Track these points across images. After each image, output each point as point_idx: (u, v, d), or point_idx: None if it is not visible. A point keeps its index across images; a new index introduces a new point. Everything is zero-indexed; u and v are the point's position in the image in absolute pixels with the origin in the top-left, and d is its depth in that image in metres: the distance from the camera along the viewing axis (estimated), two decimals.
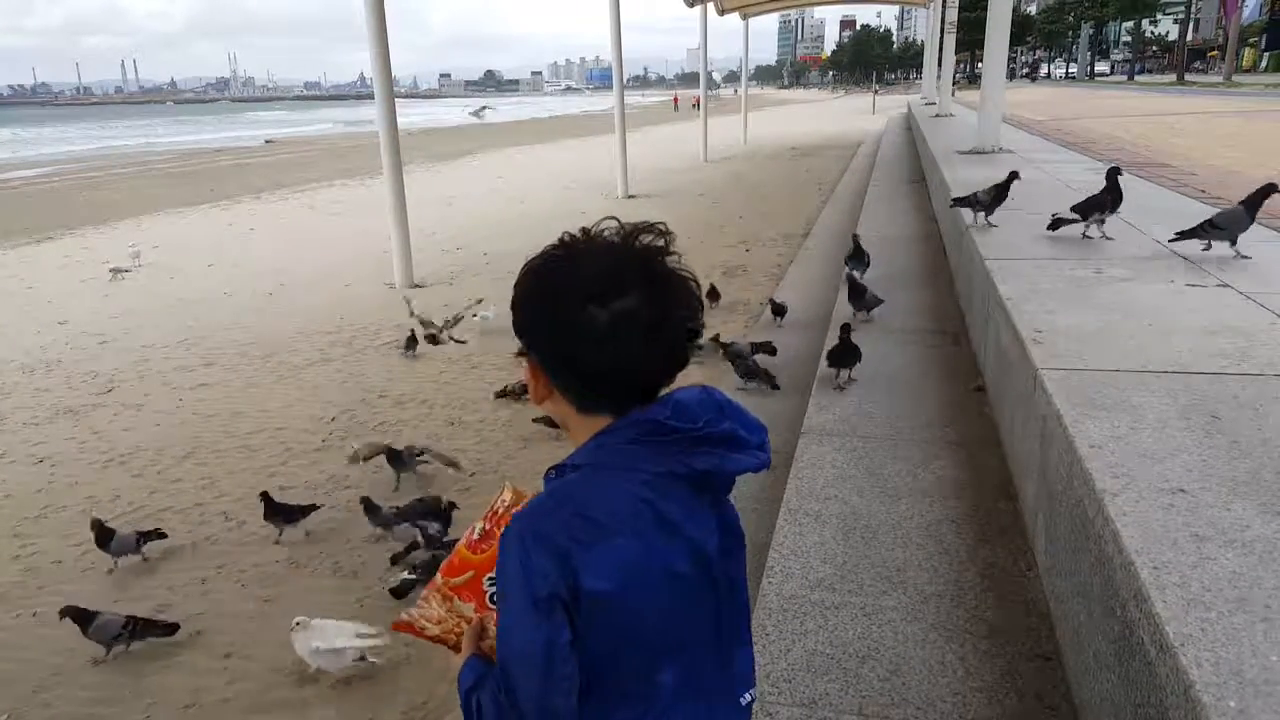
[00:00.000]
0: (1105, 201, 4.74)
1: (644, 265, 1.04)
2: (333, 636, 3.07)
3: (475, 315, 7.39)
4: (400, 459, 4.64)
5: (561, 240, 1.08)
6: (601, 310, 1.00)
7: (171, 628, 3.37)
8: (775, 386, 5.21)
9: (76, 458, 5.31)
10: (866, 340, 5.06)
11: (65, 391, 6.54)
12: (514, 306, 1.09)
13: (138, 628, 3.29)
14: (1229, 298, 3.55)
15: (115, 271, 10.55)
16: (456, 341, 7.12)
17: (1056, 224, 4.97)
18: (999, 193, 5.30)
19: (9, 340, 8.05)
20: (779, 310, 6.80)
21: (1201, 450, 2.13)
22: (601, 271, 1.02)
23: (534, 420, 5.29)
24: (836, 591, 2.59)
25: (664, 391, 1.07)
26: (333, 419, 5.73)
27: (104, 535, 3.89)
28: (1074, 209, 4.88)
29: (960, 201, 5.54)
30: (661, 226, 1.08)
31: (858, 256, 6.26)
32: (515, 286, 1.09)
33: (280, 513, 4.14)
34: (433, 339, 7.04)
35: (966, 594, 2.55)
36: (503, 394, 5.81)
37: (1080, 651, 2.05)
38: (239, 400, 6.20)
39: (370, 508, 4.05)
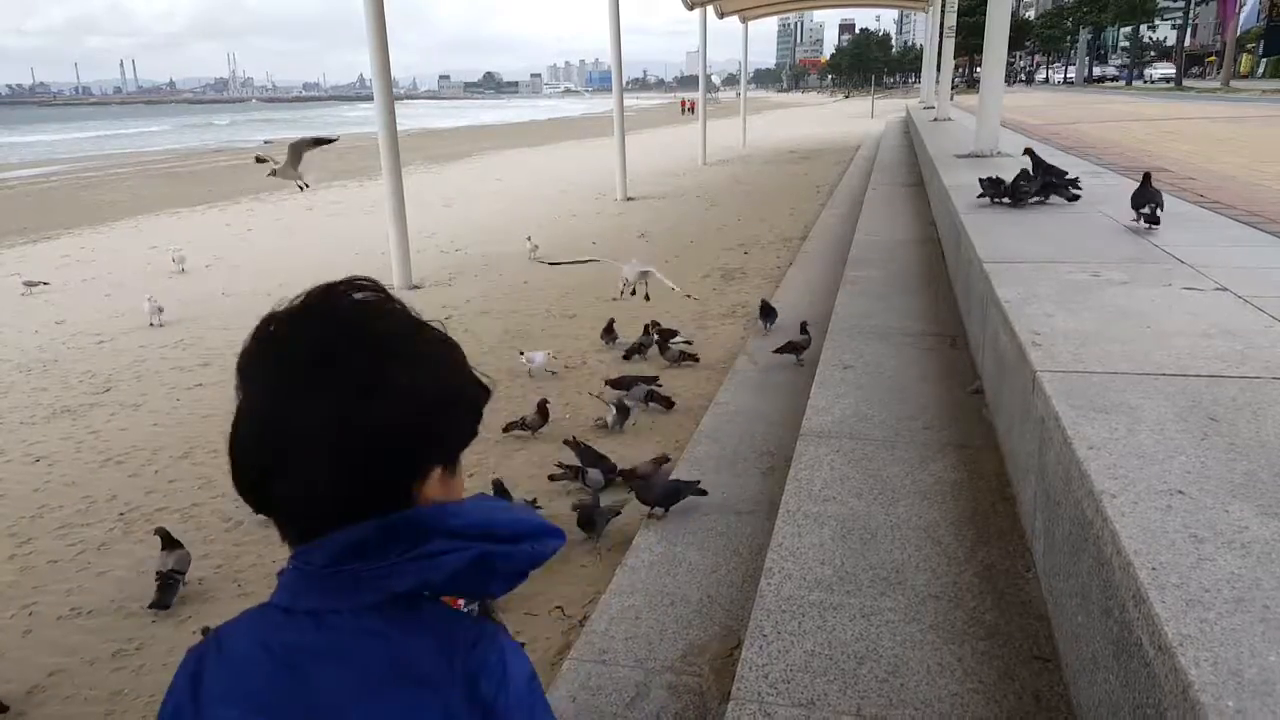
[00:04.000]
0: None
1: (326, 328, 0.81)
2: None
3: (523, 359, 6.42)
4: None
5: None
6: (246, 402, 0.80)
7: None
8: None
9: (73, 457, 5.30)
10: (866, 342, 5.07)
11: (62, 391, 6.53)
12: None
13: None
14: (1226, 301, 3.56)
15: (29, 285, 9.94)
16: None
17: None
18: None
19: (6, 340, 8.03)
20: (767, 313, 6.52)
21: (1199, 452, 2.13)
22: (255, 353, 0.82)
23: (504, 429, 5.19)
24: (835, 592, 2.59)
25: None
26: None
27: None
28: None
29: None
30: (365, 281, 0.85)
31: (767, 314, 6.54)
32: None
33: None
34: None
35: (965, 595, 2.55)
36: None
37: (1078, 652, 2.06)
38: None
39: None
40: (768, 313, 6.53)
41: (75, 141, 50.45)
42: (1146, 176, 5.17)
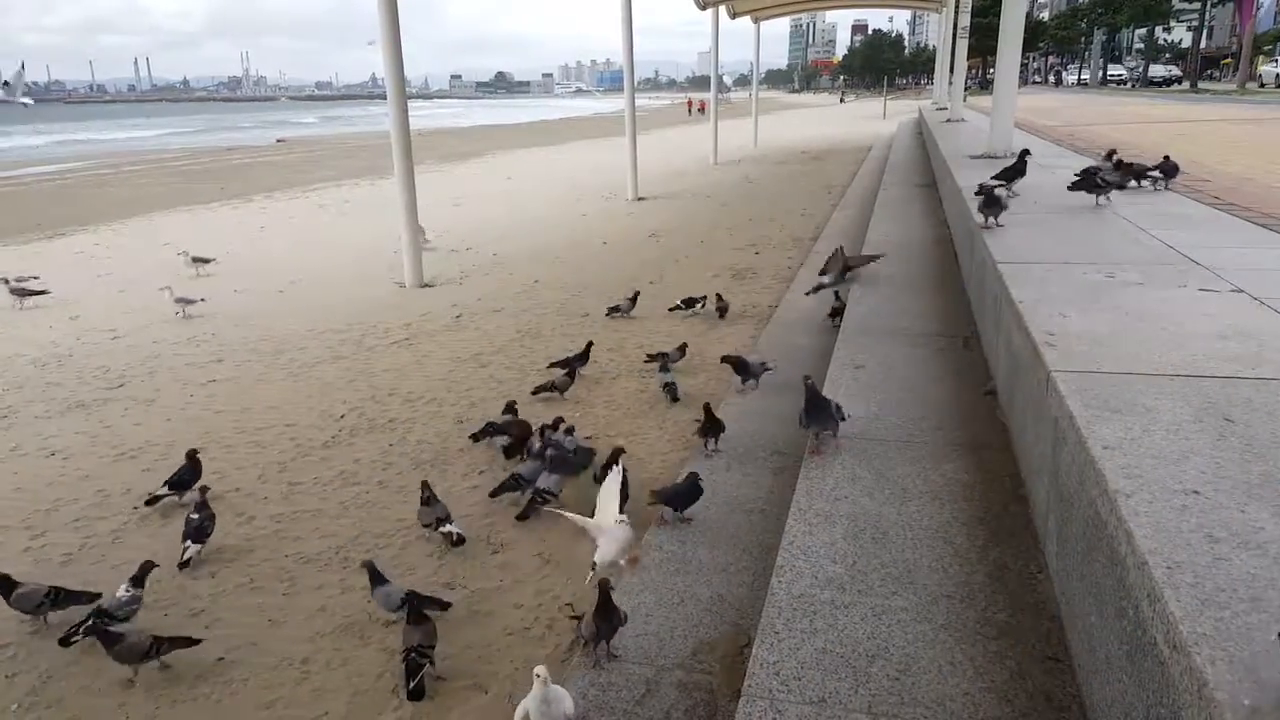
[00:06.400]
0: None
1: None
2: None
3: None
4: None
5: None
6: None
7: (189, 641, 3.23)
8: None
9: (87, 451, 5.34)
10: (878, 342, 5.06)
11: (76, 386, 6.58)
12: None
13: (92, 625, 3.26)
14: (1242, 302, 3.53)
15: (11, 284, 9.42)
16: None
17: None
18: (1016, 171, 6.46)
19: (20, 334, 8.10)
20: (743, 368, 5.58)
21: (1215, 453, 2.12)
22: None
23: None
24: (846, 591, 2.59)
25: None
26: (342, 416, 5.75)
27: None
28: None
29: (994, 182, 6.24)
30: None
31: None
32: None
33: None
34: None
35: (976, 595, 2.54)
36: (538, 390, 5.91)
37: (1091, 652, 2.05)
38: (249, 396, 6.23)
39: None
40: (743, 368, 5.57)
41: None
42: (1165, 159, 6.88)
